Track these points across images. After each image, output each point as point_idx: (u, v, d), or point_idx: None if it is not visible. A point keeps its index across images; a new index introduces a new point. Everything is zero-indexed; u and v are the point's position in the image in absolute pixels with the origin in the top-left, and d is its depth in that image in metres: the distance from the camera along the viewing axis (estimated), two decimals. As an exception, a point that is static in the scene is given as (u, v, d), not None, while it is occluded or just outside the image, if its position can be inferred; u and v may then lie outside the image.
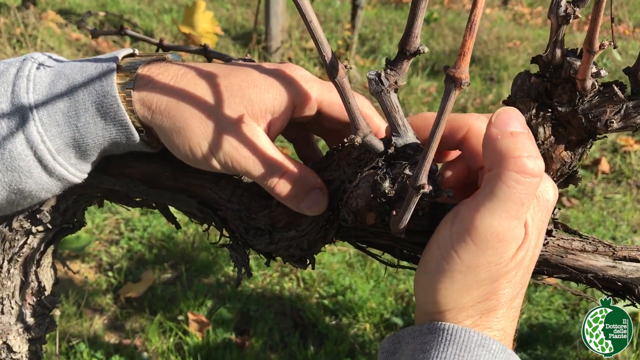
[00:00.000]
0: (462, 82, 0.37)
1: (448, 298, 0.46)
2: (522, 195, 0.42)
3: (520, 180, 0.42)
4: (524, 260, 0.46)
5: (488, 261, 0.44)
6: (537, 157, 0.43)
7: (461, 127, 0.49)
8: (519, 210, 0.43)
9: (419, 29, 0.44)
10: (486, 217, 0.43)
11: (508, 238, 0.44)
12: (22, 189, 0.55)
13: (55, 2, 5.32)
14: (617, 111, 0.50)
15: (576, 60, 0.50)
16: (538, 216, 0.47)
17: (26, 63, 0.53)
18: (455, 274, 0.45)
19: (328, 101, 0.54)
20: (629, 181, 3.31)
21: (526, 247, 0.46)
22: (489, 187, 0.43)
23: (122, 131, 0.53)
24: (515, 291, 0.47)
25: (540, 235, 0.47)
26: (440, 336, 0.45)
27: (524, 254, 0.45)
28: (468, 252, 0.44)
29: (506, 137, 0.43)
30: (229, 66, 0.54)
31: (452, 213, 0.46)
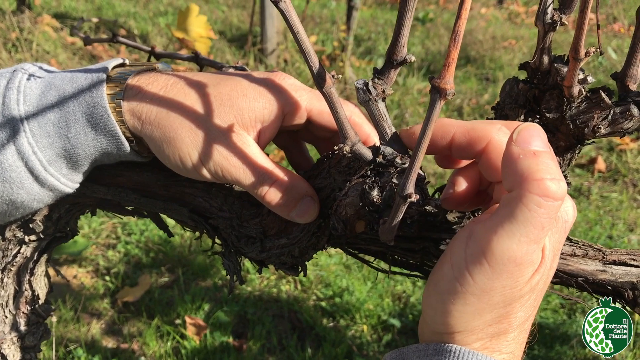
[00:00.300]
0: (447, 93, 0.37)
1: (459, 320, 0.44)
2: (543, 219, 0.41)
3: (542, 204, 0.40)
4: (539, 284, 0.45)
5: (503, 285, 0.43)
6: (560, 179, 0.41)
7: (481, 139, 0.47)
8: (539, 235, 0.41)
9: (406, 38, 0.44)
10: (504, 240, 0.41)
11: (525, 262, 0.42)
12: (14, 200, 0.55)
13: (51, 6, 5.32)
14: (605, 117, 0.50)
15: (563, 66, 0.50)
16: (555, 237, 0.45)
17: (16, 74, 0.54)
18: (469, 296, 0.43)
19: (318, 109, 0.54)
20: (625, 180, 3.31)
21: (542, 271, 0.44)
22: (508, 208, 0.41)
23: (113, 141, 0.53)
24: (528, 314, 0.46)
25: (555, 258, 0.46)
26: (446, 358, 0.44)
27: (539, 278, 0.44)
28: (483, 275, 0.42)
29: (528, 157, 0.41)
30: (219, 75, 0.55)
31: (466, 231, 0.45)
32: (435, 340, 0.46)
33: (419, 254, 0.56)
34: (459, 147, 0.47)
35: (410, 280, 2.41)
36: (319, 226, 0.55)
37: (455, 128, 0.47)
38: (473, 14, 6.28)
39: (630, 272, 0.56)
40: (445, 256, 0.45)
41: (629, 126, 0.50)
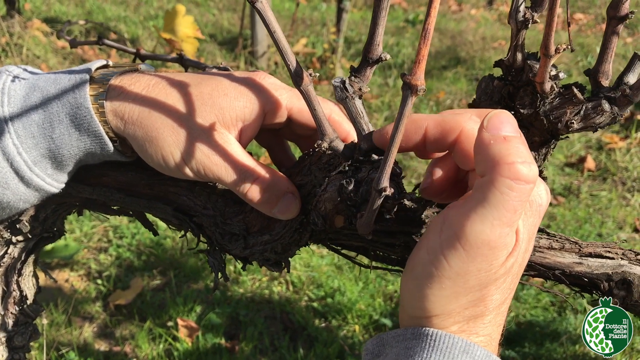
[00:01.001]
0: (418, 89, 0.38)
1: (436, 304, 0.45)
2: (515, 202, 0.41)
3: (513, 187, 0.41)
4: (514, 267, 0.45)
5: (478, 268, 0.43)
6: (531, 162, 0.42)
7: (453, 130, 0.47)
8: (512, 218, 0.42)
9: (381, 37, 0.45)
10: (477, 224, 0.42)
11: (499, 245, 0.43)
12: (0, 200, 0.55)
13: (41, 11, 5.31)
14: (577, 112, 0.51)
15: (536, 63, 0.51)
16: (529, 221, 0.46)
17: (0, 76, 0.54)
18: (444, 280, 0.44)
19: (298, 108, 0.55)
20: (614, 178, 3.34)
21: (516, 254, 0.45)
22: (481, 193, 0.42)
23: (96, 142, 0.54)
24: (504, 297, 0.47)
25: (530, 241, 0.47)
26: (424, 342, 0.45)
27: (513, 261, 0.45)
28: (458, 259, 0.43)
29: (499, 142, 0.42)
30: (200, 75, 0.56)
31: (440, 217, 0.45)
32: (413, 325, 0.47)
33: (400, 249, 0.57)
34: (433, 140, 0.47)
35: (402, 280, 2.42)
36: (301, 222, 0.56)
37: (427, 122, 0.47)
38: (463, 15, 6.31)
39: (605, 264, 0.57)
40: (421, 242, 0.46)
41: (600, 121, 0.51)
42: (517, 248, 0.45)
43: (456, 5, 6.74)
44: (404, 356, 0.46)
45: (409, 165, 3.32)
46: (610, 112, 0.51)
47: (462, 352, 0.44)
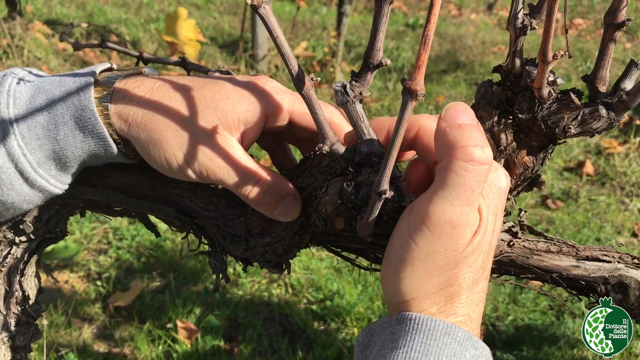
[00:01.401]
0: (418, 94, 0.39)
1: (410, 286, 0.47)
2: (471, 182, 0.44)
3: (468, 168, 0.44)
4: (482, 245, 0.48)
5: (445, 247, 0.46)
6: (484, 145, 0.45)
7: (412, 127, 0.51)
8: (470, 197, 0.45)
9: (382, 43, 0.46)
10: (439, 205, 0.45)
11: (462, 224, 0.46)
12: (5, 201, 0.56)
13: (42, 13, 5.32)
14: (574, 117, 0.52)
15: (534, 69, 0.52)
16: (492, 202, 0.49)
17: (6, 78, 0.55)
18: (415, 261, 0.46)
19: (299, 112, 0.56)
20: (612, 183, 3.34)
21: (482, 232, 0.47)
22: (440, 176, 0.45)
23: (100, 143, 0.54)
24: (477, 276, 0.49)
25: (496, 220, 0.49)
26: (407, 326, 0.47)
27: (480, 239, 0.47)
28: (425, 240, 0.46)
29: (454, 129, 0.45)
30: (203, 79, 0.56)
31: (409, 206, 0.48)
32: (396, 311, 0.49)
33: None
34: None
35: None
36: (301, 225, 0.57)
37: (389, 122, 0.52)
38: (463, 20, 6.33)
39: (602, 267, 0.58)
40: (394, 231, 0.49)
41: (597, 126, 0.52)
42: (482, 227, 0.47)
43: (456, 10, 6.76)
44: (389, 341, 0.48)
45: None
46: (607, 118, 0.51)
47: (443, 334, 0.46)
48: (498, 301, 2.37)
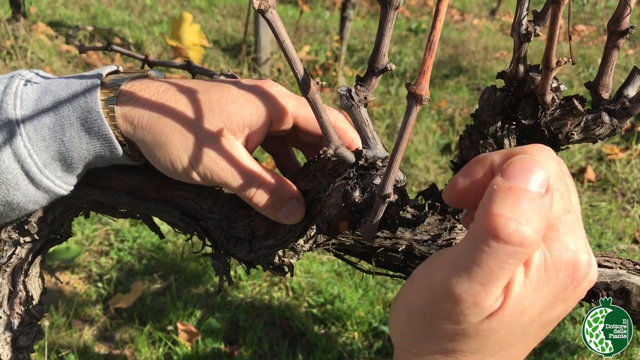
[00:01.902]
0: (423, 99, 0.39)
1: (406, 338, 0.44)
2: (490, 261, 0.36)
3: (491, 244, 0.35)
4: (496, 333, 0.39)
5: (442, 317, 0.40)
6: (527, 224, 0.35)
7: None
8: (486, 277, 0.36)
9: (387, 48, 0.46)
10: (445, 270, 0.39)
11: (466, 301, 0.38)
12: (10, 201, 0.57)
13: (46, 14, 5.34)
14: (577, 124, 0.52)
15: (538, 75, 0.52)
16: (547, 292, 0.39)
17: (14, 80, 0.56)
18: (410, 313, 0.42)
19: (304, 116, 0.57)
20: (614, 189, 3.34)
21: (501, 319, 0.39)
22: (465, 239, 0.38)
23: (106, 145, 0.55)
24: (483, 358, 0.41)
25: (541, 315, 0.40)
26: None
27: (494, 326, 0.39)
28: (423, 299, 0.41)
29: (501, 191, 0.36)
30: (209, 82, 0.57)
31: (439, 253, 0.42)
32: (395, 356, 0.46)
33: (402, 255, 0.58)
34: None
35: (401, 288, 2.43)
36: (305, 227, 0.57)
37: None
38: (465, 25, 6.34)
39: (604, 273, 0.58)
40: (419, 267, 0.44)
41: (600, 132, 0.52)
42: (501, 314, 0.39)
43: (459, 15, 6.77)
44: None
45: (409, 173, 3.33)
46: (609, 124, 0.52)
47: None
48: (499, 306, 2.37)
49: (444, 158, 3.52)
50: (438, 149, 3.63)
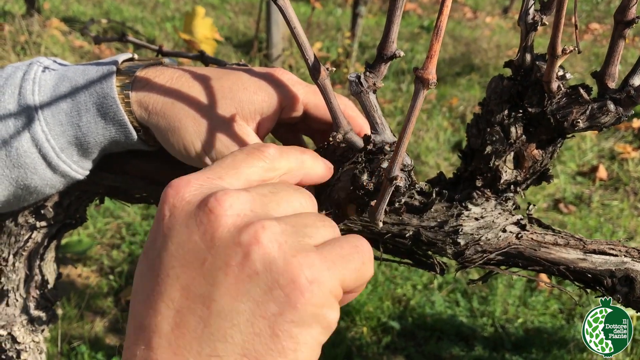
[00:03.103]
0: (430, 83, 0.40)
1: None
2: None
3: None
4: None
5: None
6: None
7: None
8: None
9: (396, 35, 0.47)
10: None
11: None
12: (28, 185, 0.58)
13: (59, 10, 5.38)
14: (583, 112, 0.53)
15: (544, 63, 0.53)
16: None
17: (32, 67, 0.57)
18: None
19: (314, 103, 0.58)
20: (626, 188, 3.33)
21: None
22: None
23: (121, 130, 0.56)
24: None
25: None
26: None
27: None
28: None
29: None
30: (221, 70, 0.58)
31: None
32: None
33: (410, 241, 0.59)
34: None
35: (410, 284, 2.44)
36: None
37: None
38: (478, 23, 6.32)
39: (609, 260, 0.58)
40: None
41: (605, 120, 0.53)
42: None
43: (471, 13, 6.76)
44: None
45: (420, 170, 3.33)
46: (615, 113, 0.52)
47: None
48: (508, 303, 2.37)
49: (455, 155, 3.52)
50: (449, 146, 3.63)
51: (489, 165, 0.57)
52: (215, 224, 0.34)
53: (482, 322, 2.28)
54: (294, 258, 0.33)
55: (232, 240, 0.34)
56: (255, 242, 0.33)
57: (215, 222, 0.34)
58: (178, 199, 0.36)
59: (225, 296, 0.33)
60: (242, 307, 0.32)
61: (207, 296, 0.33)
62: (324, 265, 0.34)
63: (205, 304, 0.33)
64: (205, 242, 0.34)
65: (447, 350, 2.14)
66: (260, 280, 0.33)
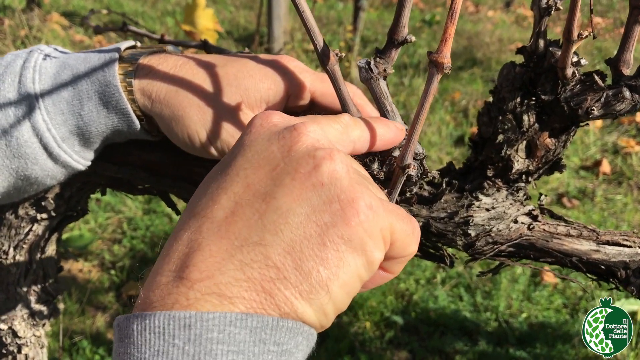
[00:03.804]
0: (444, 66, 0.39)
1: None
2: None
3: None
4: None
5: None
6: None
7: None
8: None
9: (407, 19, 0.46)
10: None
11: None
12: (29, 176, 0.57)
13: (60, 5, 5.36)
14: (598, 99, 0.52)
15: (558, 50, 0.52)
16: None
17: (32, 54, 0.56)
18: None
19: (321, 91, 0.56)
20: (629, 182, 3.32)
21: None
22: None
23: (124, 119, 0.55)
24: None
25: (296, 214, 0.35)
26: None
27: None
28: None
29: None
30: (226, 57, 0.57)
31: None
32: None
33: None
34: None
35: (413, 278, 2.43)
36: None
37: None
38: (480, 17, 6.30)
39: (623, 252, 0.57)
40: None
41: (621, 108, 0.51)
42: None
43: (473, 7, 6.73)
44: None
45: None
46: (630, 100, 0.51)
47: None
48: (512, 298, 2.36)
49: (458, 150, 3.51)
50: (451, 141, 3.61)
51: (500, 154, 0.56)
52: (295, 138, 0.37)
53: (486, 317, 2.27)
54: (358, 185, 0.36)
55: (307, 153, 0.36)
56: (328, 158, 0.36)
57: (297, 137, 0.37)
58: (266, 120, 0.40)
59: (286, 197, 0.35)
60: (299, 210, 0.35)
61: (269, 194, 0.35)
62: (381, 206, 0.37)
63: (265, 200, 0.35)
64: (282, 152, 0.37)
65: (451, 345, 2.13)
66: (323, 191, 0.35)
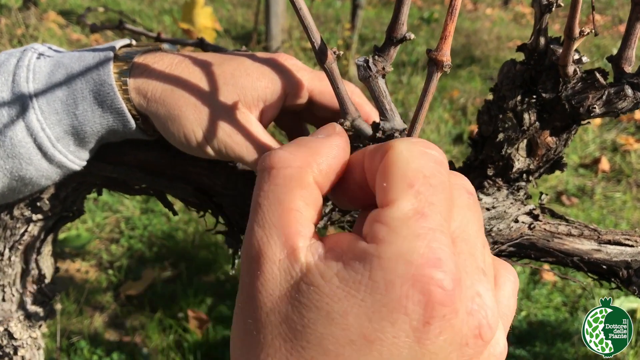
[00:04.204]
0: (444, 65, 0.38)
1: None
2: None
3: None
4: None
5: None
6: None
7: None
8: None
9: (406, 16, 0.45)
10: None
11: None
12: (23, 176, 0.56)
13: (56, 3, 5.35)
14: (599, 97, 0.51)
15: (559, 47, 0.51)
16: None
17: (26, 53, 0.55)
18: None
19: (319, 90, 0.56)
20: (628, 180, 3.32)
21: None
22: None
23: (119, 119, 0.54)
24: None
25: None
26: None
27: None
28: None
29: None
30: (223, 55, 0.56)
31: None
32: None
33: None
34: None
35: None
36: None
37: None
38: (478, 15, 6.29)
39: (624, 251, 0.57)
40: None
41: (623, 106, 0.51)
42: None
43: (471, 5, 6.72)
44: None
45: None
46: (632, 98, 0.50)
47: None
48: (510, 296, 2.35)
49: (456, 148, 3.50)
50: (450, 139, 3.61)
51: (500, 153, 0.55)
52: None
53: (485, 315, 2.26)
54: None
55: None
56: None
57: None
58: (451, 310, 0.29)
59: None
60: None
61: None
62: (501, 327, 0.34)
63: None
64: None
65: (450, 344, 2.12)
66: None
